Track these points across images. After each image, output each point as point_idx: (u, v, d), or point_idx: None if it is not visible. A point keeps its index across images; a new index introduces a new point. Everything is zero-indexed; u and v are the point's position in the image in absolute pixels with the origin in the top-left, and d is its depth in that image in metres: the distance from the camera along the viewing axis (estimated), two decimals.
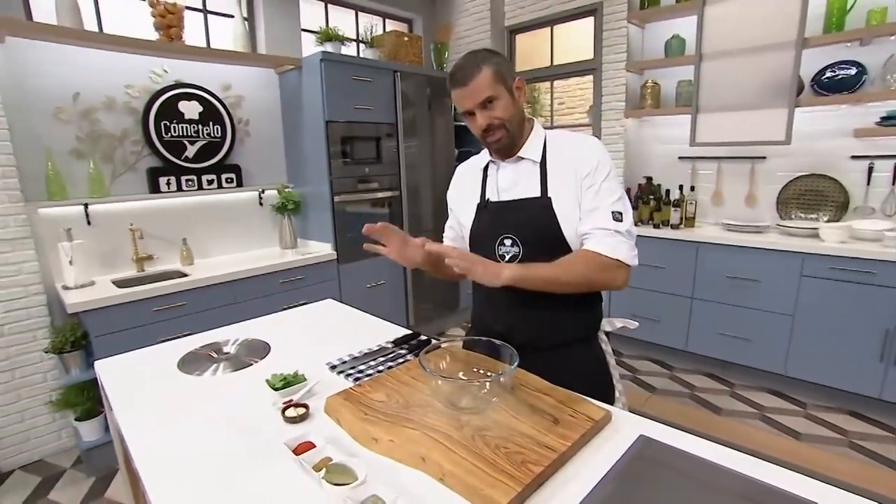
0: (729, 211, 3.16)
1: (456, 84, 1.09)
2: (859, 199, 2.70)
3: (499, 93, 1.08)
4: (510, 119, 1.11)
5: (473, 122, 1.12)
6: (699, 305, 2.88)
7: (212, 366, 1.29)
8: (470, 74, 1.06)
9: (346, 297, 3.07)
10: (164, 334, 2.22)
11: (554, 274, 1.04)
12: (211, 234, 2.96)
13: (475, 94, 1.07)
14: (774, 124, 2.65)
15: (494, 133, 1.11)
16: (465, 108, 1.10)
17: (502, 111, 1.09)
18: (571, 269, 1.05)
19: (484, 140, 1.14)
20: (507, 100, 1.10)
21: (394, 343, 1.40)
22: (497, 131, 1.10)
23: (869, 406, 2.46)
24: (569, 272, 1.05)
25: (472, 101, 1.08)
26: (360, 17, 3.85)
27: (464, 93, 1.08)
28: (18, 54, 2.23)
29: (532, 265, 1.04)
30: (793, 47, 2.55)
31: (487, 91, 1.07)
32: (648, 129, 3.48)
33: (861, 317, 2.36)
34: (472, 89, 1.07)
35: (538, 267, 1.04)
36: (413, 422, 0.91)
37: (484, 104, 1.08)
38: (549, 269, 1.05)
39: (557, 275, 1.04)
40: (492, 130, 1.10)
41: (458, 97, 1.10)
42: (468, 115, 1.12)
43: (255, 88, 3.08)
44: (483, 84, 1.06)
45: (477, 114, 1.09)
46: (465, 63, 1.09)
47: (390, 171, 3.33)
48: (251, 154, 3.10)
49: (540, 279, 1.04)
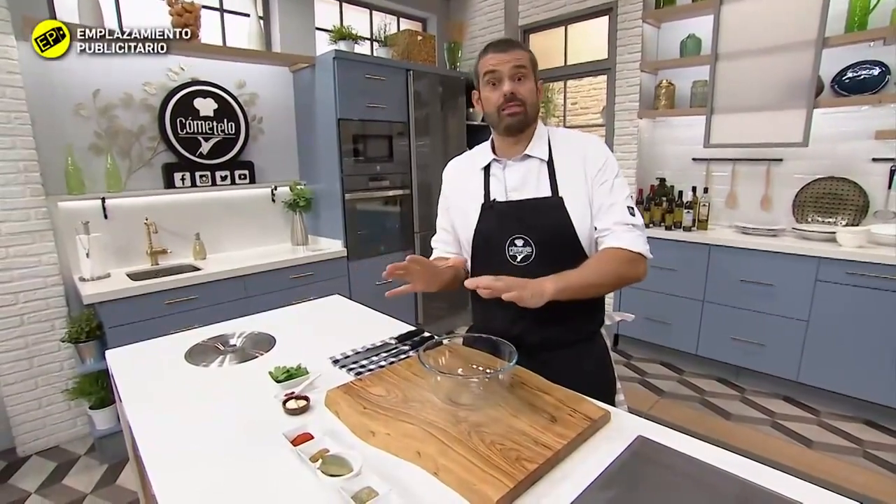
0: (743, 213, 3.11)
1: (495, 48, 1.10)
2: (880, 203, 2.63)
3: (529, 74, 1.11)
4: (531, 104, 1.12)
5: (496, 90, 1.11)
6: (711, 309, 2.84)
7: (218, 357, 1.32)
8: (512, 45, 1.10)
9: (355, 294, 3.09)
10: (176, 326, 2.26)
11: (588, 279, 1.03)
12: (223, 229, 3.01)
13: (512, 61, 1.08)
14: (792, 126, 2.60)
15: (514, 106, 1.10)
16: (497, 69, 1.09)
17: (527, 92, 1.11)
18: (602, 271, 1.05)
19: (499, 112, 1.11)
20: (532, 85, 1.13)
21: (397, 339, 1.41)
22: (517, 105, 1.10)
23: (885, 415, 2.40)
24: (601, 274, 1.05)
25: (508, 64, 1.08)
26: (375, 15, 3.87)
27: (501, 57, 1.09)
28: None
29: (564, 275, 1.01)
30: (812, 46, 2.50)
31: (523, 62, 1.10)
32: (662, 129, 3.43)
33: (878, 324, 2.30)
34: (511, 56, 1.09)
35: (571, 275, 1.02)
36: (410, 416, 0.92)
37: (516, 74, 1.09)
38: (582, 275, 1.03)
39: (591, 279, 1.04)
40: (514, 102, 1.10)
41: (491, 60, 1.10)
42: (491, 82, 1.11)
43: (269, 86, 3.12)
44: (522, 57, 1.10)
45: (506, 80, 1.09)
46: (508, 38, 1.16)
47: (402, 169, 3.35)
48: (264, 151, 3.15)
49: (578, 287, 1.02)
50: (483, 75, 1.12)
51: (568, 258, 1.10)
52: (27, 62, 2.23)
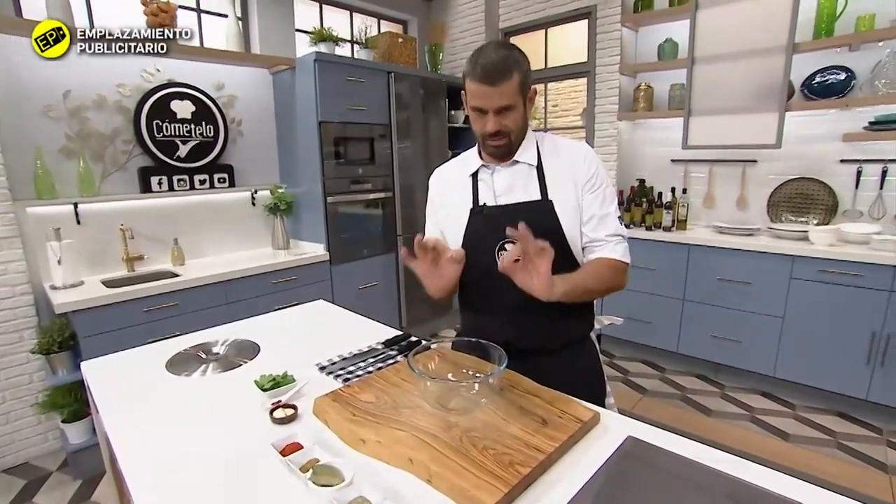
0: (720, 213, 3.18)
1: (483, 79, 1.02)
2: (848, 203, 2.73)
3: (517, 103, 1.06)
4: (517, 130, 1.11)
5: (481, 120, 1.08)
6: (691, 307, 2.90)
7: (201, 366, 1.29)
8: (501, 76, 1.02)
9: (338, 298, 3.06)
10: (155, 335, 2.20)
11: (588, 284, 1.06)
12: (202, 234, 2.94)
13: (498, 98, 1.04)
14: (765, 128, 2.68)
15: (499, 139, 1.09)
16: (481, 106, 1.06)
17: (513, 122, 1.08)
18: (600, 278, 1.09)
19: (484, 141, 1.11)
20: (521, 111, 1.09)
21: (384, 344, 1.40)
22: (502, 138, 1.09)
23: (856, 407, 2.48)
24: (598, 281, 1.08)
25: (493, 103, 1.04)
26: (355, 17, 3.85)
27: (487, 91, 1.03)
28: (8, 51, 2.21)
29: (569, 277, 1.02)
30: (783, 52, 2.58)
31: (509, 100, 1.04)
32: (641, 131, 3.50)
33: (848, 319, 2.38)
34: (497, 92, 1.03)
35: (576, 278, 1.03)
36: (401, 423, 0.91)
37: (501, 110, 1.06)
38: (583, 279, 1.06)
39: (590, 285, 1.07)
40: (498, 136, 1.08)
41: (478, 92, 1.04)
42: (476, 111, 1.08)
43: (248, 88, 3.07)
44: (509, 91, 1.03)
45: (490, 117, 1.06)
46: (498, 61, 1.01)
47: (384, 172, 3.33)
48: (244, 154, 3.09)
49: (580, 291, 1.03)
50: (468, 99, 1.08)
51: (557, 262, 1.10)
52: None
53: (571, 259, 1.14)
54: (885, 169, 2.59)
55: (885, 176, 2.60)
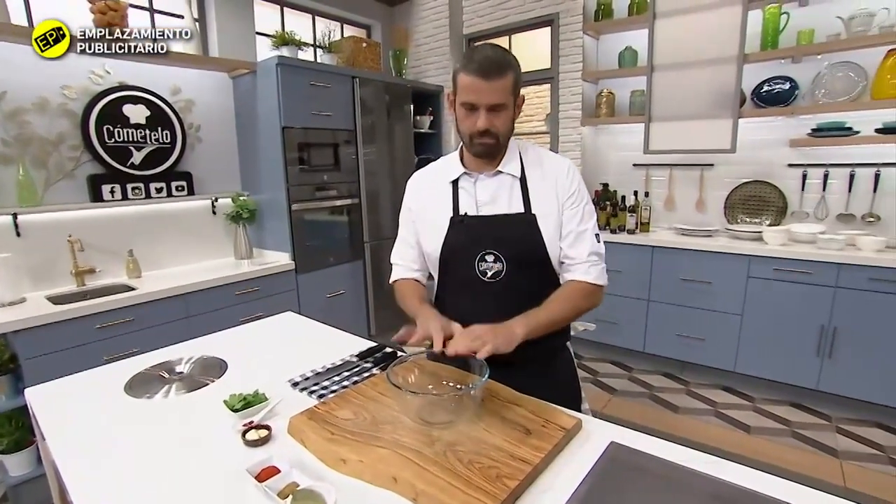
0: (681, 216, 3.30)
1: (478, 73, 1.00)
2: (796, 205, 2.89)
3: (509, 103, 1.05)
4: (505, 133, 1.09)
5: (471, 118, 1.05)
6: (655, 307, 2.99)
7: (163, 387, 1.21)
8: (497, 71, 1.00)
9: (305, 307, 2.98)
10: (110, 353, 2.08)
11: (553, 318, 1.06)
12: (160, 244, 2.80)
13: (492, 94, 1.01)
14: (721, 133, 2.80)
15: (487, 138, 1.06)
16: (474, 101, 1.03)
17: (503, 124, 1.06)
18: (566, 308, 1.08)
19: (472, 140, 1.08)
20: (511, 113, 1.08)
21: (358, 356, 1.36)
22: (491, 138, 1.06)
23: (808, 397, 2.62)
24: (564, 311, 1.08)
25: (487, 99, 1.02)
26: (318, 21, 3.78)
27: (482, 86, 1.00)
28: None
29: (532, 315, 1.02)
30: (735, 62, 2.70)
31: (503, 98, 1.03)
32: (604, 136, 3.59)
33: (800, 314, 2.51)
34: (492, 87, 1.00)
35: (539, 315, 1.03)
36: (382, 440, 0.88)
37: (493, 108, 1.04)
38: (548, 314, 1.05)
39: (556, 317, 1.07)
40: (487, 135, 1.06)
41: (472, 86, 1.01)
42: (467, 108, 1.05)
43: (206, 93, 2.95)
44: (503, 88, 1.02)
45: (482, 114, 1.03)
46: (495, 57, 1.01)
47: (349, 178, 3.28)
48: (203, 161, 2.97)
49: (545, 326, 1.04)
50: (459, 95, 1.06)
51: (537, 276, 1.11)
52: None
53: (551, 273, 1.14)
54: (826, 173, 2.76)
55: (827, 179, 2.77)
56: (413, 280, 1.26)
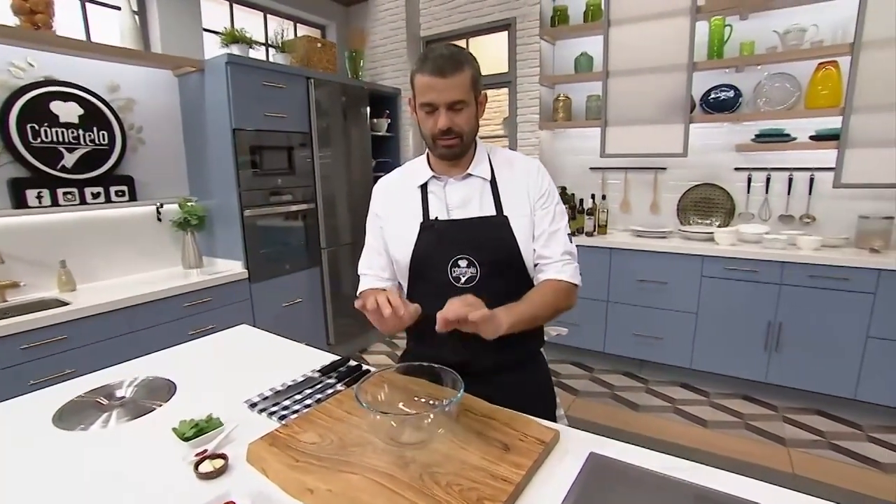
0: (636, 218, 3.40)
1: (433, 71, 0.98)
2: (742, 206, 3.04)
3: (469, 100, 1.03)
4: (469, 132, 1.06)
5: (432, 118, 1.02)
6: (614, 308, 3.05)
7: (101, 416, 1.09)
8: (452, 68, 0.98)
9: (260, 317, 2.84)
10: (40, 376, 1.89)
11: (534, 312, 1.03)
12: (98, 254, 2.58)
13: (450, 92, 0.99)
14: (673, 138, 2.90)
15: (450, 138, 1.03)
16: (432, 100, 1.00)
17: (465, 122, 1.04)
18: (546, 304, 1.06)
19: (435, 142, 1.05)
20: (472, 110, 1.05)
21: (321, 372, 1.29)
22: (453, 137, 1.04)
23: (758, 389, 2.75)
24: (545, 307, 1.06)
25: (445, 97, 0.99)
26: (270, 20, 3.63)
27: (439, 84, 0.98)
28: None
29: (514, 308, 0.99)
30: (685, 69, 2.81)
31: (462, 94, 1.00)
32: (561, 140, 3.65)
33: (749, 311, 2.64)
34: (449, 84, 0.98)
35: (521, 308, 1.00)
36: (352, 465, 0.82)
37: (453, 105, 1.01)
38: (529, 308, 1.02)
39: (537, 312, 1.04)
40: (449, 135, 1.03)
41: (429, 85, 0.99)
42: (427, 109, 1.02)
43: (149, 91, 2.76)
44: (461, 85, 1.00)
45: (442, 113, 1.01)
46: (450, 54, 0.99)
47: (305, 182, 3.16)
48: (147, 164, 2.77)
49: (527, 320, 1.01)
50: (418, 97, 1.03)
51: (512, 279, 1.08)
52: None
53: (526, 276, 1.12)
54: (768, 176, 2.92)
55: (769, 182, 2.93)
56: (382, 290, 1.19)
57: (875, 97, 2.42)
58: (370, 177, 3.66)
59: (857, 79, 2.44)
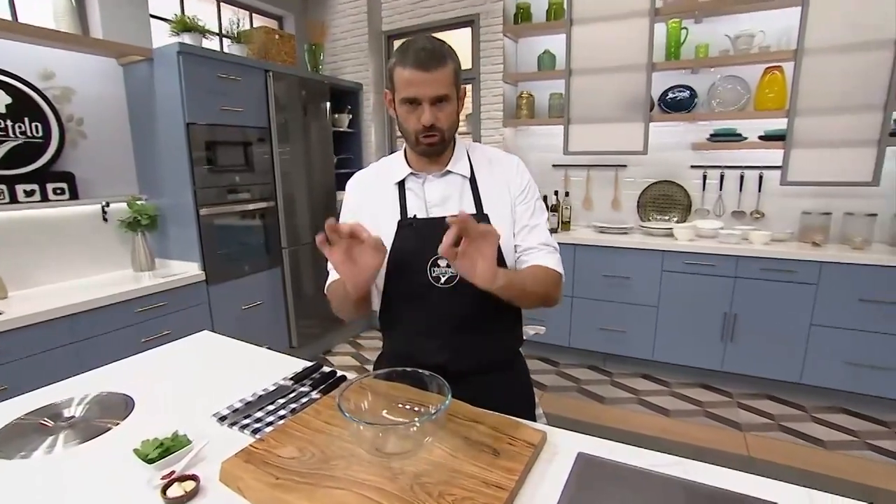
0: (598, 214, 3.48)
1: (416, 65, 0.94)
2: (699, 202, 3.17)
3: (452, 95, 1.00)
4: (450, 128, 1.03)
5: (414, 113, 0.99)
6: (579, 303, 3.11)
7: (46, 439, 0.98)
8: (437, 61, 0.95)
9: (218, 321, 2.71)
10: None
11: (526, 284, 1.00)
12: (34, 258, 2.37)
13: (434, 86, 0.96)
14: (634, 136, 2.98)
15: (433, 135, 1.00)
16: (416, 95, 0.97)
17: (447, 117, 1.01)
18: (538, 282, 1.03)
19: (416, 138, 1.01)
20: (454, 106, 1.02)
21: (293, 379, 1.22)
22: (435, 134, 1.00)
23: (715, 378, 2.89)
24: (537, 284, 1.02)
25: (429, 91, 0.96)
26: (224, 8, 3.45)
27: (422, 78, 0.95)
28: None
29: (508, 271, 0.96)
30: (644, 69, 2.89)
31: (445, 89, 0.97)
32: (525, 138, 3.67)
33: (706, 303, 2.76)
34: (433, 78, 0.95)
35: (514, 274, 0.98)
36: (337, 479, 0.78)
37: (436, 100, 0.97)
38: (522, 277, 1.01)
39: (528, 286, 1.00)
40: (432, 132, 1.00)
41: (411, 79, 0.95)
42: (409, 105, 0.98)
43: (89, 81, 2.55)
44: (445, 79, 0.97)
45: (426, 108, 0.97)
46: (432, 47, 0.96)
47: (263, 179, 3.03)
48: (89, 160, 2.56)
49: (518, 288, 0.97)
50: (399, 91, 0.99)
51: None
52: None
53: None
54: (722, 174, 3.06)
55: (723, 180, 3.07)
56: None
57: (816, 101, 2.57)
58: (332, 174, 3.56)
59: (800, 83, 2.59)
